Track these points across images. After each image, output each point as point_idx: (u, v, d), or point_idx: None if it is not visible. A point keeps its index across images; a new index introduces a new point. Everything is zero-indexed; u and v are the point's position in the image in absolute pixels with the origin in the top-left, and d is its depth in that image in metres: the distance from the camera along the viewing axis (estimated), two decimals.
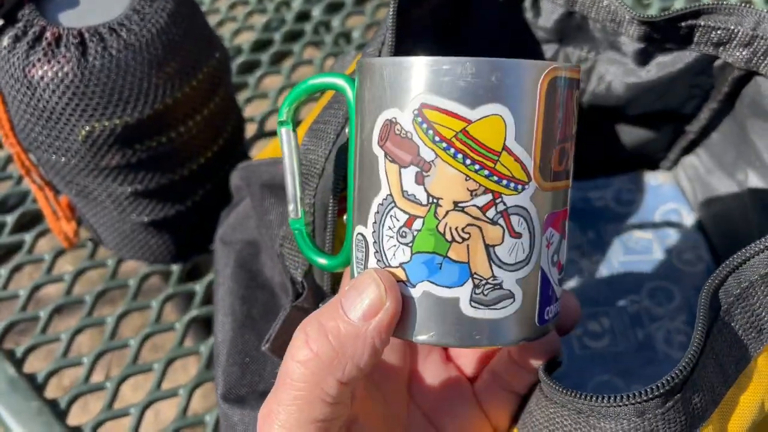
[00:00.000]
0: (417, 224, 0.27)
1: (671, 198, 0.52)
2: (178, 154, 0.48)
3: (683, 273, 0.49)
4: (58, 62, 0.42)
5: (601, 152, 0.51)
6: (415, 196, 0.27)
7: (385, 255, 0.28)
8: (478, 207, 0.27)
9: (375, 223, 0.28)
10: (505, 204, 0.27)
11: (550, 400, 0.29)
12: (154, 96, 0.44)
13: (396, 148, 0.27)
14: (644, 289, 0.48)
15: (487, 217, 0.27)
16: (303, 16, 0.75)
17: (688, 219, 0.51)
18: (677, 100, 0.45)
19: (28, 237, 0.58)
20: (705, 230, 0.50)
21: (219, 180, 0.51)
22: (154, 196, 0.49)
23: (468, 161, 0.26)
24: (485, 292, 0.28)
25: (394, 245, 0.28)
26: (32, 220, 0.59)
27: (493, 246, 0.27)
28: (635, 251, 0.50)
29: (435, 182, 0.27)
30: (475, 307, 0.28)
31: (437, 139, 0.26)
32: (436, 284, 0.28)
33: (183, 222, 0.52)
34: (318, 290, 0.38)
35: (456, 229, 0.27)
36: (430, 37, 0.45)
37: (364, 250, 0.29)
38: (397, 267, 0.28)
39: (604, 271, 0.50)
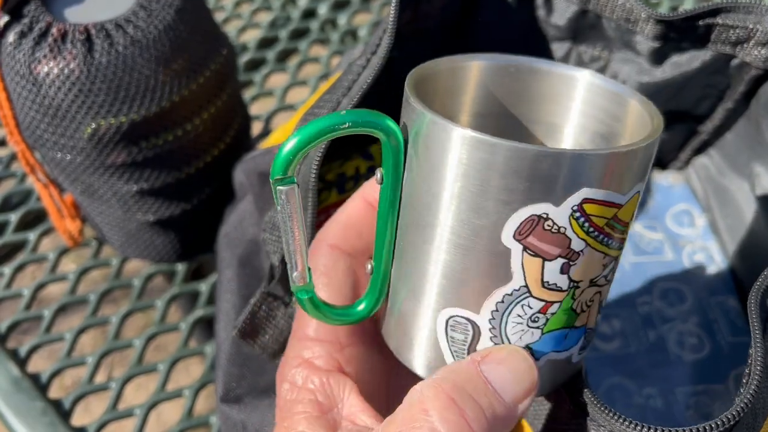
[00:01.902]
0: (553, 308, 0.26)
1: (682, 199, 0.52)
2: (184, 152, 0.47)
3: (695, 274, 0.48)
4: (64, 58, 0.42)
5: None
6: (556, 284, 0.26)
7: (507, 339, 0.27)
8: (604, 276, 0.27)
9: (496, 311, 0.26)
10: (615, 261, 0.27)
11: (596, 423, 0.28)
12: (160, 93, 0.43)
13: (543, 243, 0.25)
14: (655, 290, 0.48)
15: (608, 281, 0.27)
16: (309, 14, 0.75)
17: (700, 220, 0.51)
18: (691, 100, 0.44)
19: (31, 235, 0.57)
20: (717, 231, 0.50)
21: (225, 179, 0.51)
22: (160, 195, 0.48)
23: (611, 241, 0.26)
24: (588, 338, 0.28)
25: (522, 330, 0.26)
26: (36, 218, 0.59)
27: (603, 299, 0.28)
28: (646, 252, 0.50)
29: (579, 268, 0.26)
30: (579, 354, 0.28)
31: (591, 229, 0.25)
32: (558, 352, 0.27)
33: (189, 221, 0.51)
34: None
35: (586, 302, 0.27)
36: (438, 35, 0.45)
37: (469, 333, 0.27)
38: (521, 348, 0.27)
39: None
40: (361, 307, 0.30)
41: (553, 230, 0.25)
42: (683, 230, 0.50)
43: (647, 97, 0.43)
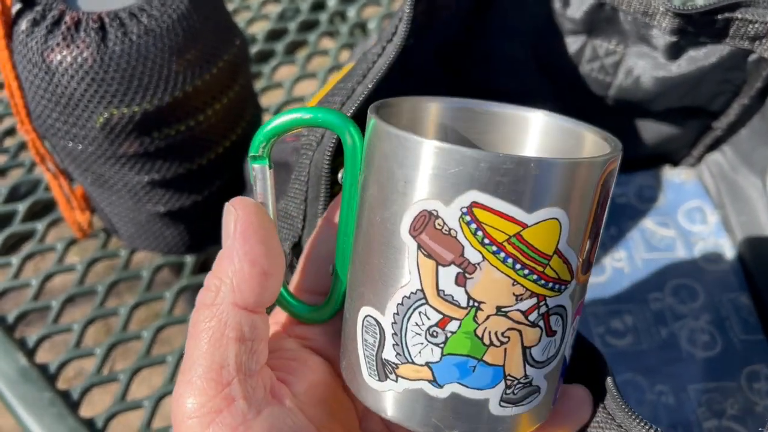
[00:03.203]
0: (452, 326, 0.25)
1: (694, 195, 0.51)
2: (196, 142, 0.47)
3: (707, 271, 0.48)
4: (77, 47, 0.41)
5: (623, 147, 0.50)
6: (453, 297, 0.25)
7: (408, 350, 0.26)
8: (521, 311, 0.25)
9: (397, 314, 0.26)
10: (547, 306, 0.25)
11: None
12: (173, 83, 0.43)
13: (435, 244, 0.25)
14: (667, 287, 0.48)
15: (529, 321, 0.25)
16: (318, 6, 0.74)
17: (712, 217, 0.50)
18: (706, 96, 0.44)
19: (39, 226, 0.57)
20: (729, 228, 0.49)
21: (236, 170, 0.50)
22: (171, 186, 0.48)
23: (518, 266, 0.24)
24: (515, 392, 0.26)
25: (421, 343, 0.26)
26: (44, 208, 0.59)
27: (530, 347, 0.26)
28: (658, 249, 0.50)
29: (478, 285, 0.25)
30: (503, 407, 0.26)
31: (487, 241, 0.24)
32: (466, 386, 0.26)
33: (199, 213, 0.51)
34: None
35: (496, 333, 0.25)
36: (453, 24, 0.45)
37: (377, 336, 0.27)
38: (422, 365, 0.26)
39: (626, 268, 0.49)
40: (319, 312, 0.30)
41: (443, 231, 0.24)
42: (695, 227, 0.50)
43: (663, 92, 0.44)
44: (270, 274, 0.26)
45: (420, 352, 0.26)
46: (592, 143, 0.30)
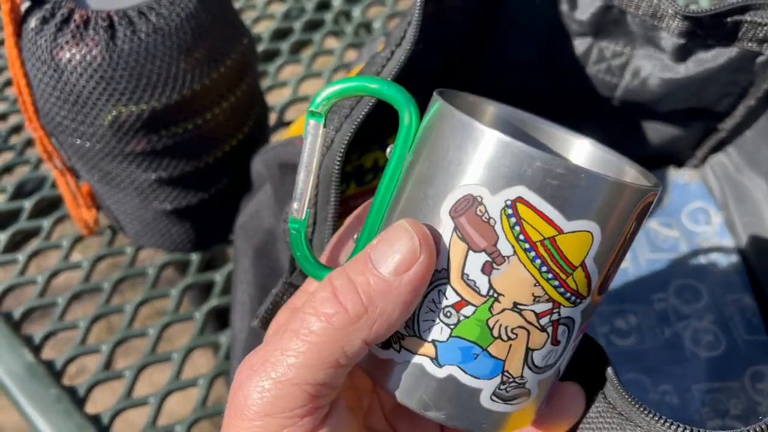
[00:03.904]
0: (467, 311, 0.26)
1: (698, 196, 0.52)
2: (203, 141, 0.47)
3: (711, 272, 0.48)
4: (86, 45, 0.41)
5: (627, 148, 0.51)
6: (475, 283, 0.26)
7: (418, 325, 0.27)
8: (535, 313, 0.26)
9: None
10: (559, 315, 0.26)
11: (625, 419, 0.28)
12: (182, 81, 0.43)
13: (471, 229, 0.25)
14: (671, 287, 0.48)
15: (540, 324, 0.26)
16: (323, 6, 0.75)
17: (716, 218, 0.51)
18: (712, 98, 0.44)
19: (45, 223, 0.57)
20: (733, 229, 0.50)
21: (243, 169, 0.51)
22: (178, 184, 0.48)
23: (544, 269, 0.25)
24: (508, 389, 0.27)
25: (433, 320, 0.26)
26: (49, 205, 0.59)
27: (533, 350, 0.27)
28: (662, 249, 0.50)
29: (502, 278, 0.25)
30: (493, 401, 0.27)
31: (522, 237, 0.25)
32: (464, 372, 0.26)
33: (205, 211, 0.51)
34: None
35: (506, 328, 0.26)
36: (461, 27, 0.45)
37: None
38: (428, 342, 0.27)
39: (630, 267, 0.49)
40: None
41: (483, 218, 0.25)
42: (699, 228, 0.51)
43: (669, 94, 0.44)
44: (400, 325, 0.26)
45: (429, 329, 0.26)
46: (632, 178, 0.31)
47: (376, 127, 0.38)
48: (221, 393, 0.52)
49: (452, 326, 0.26)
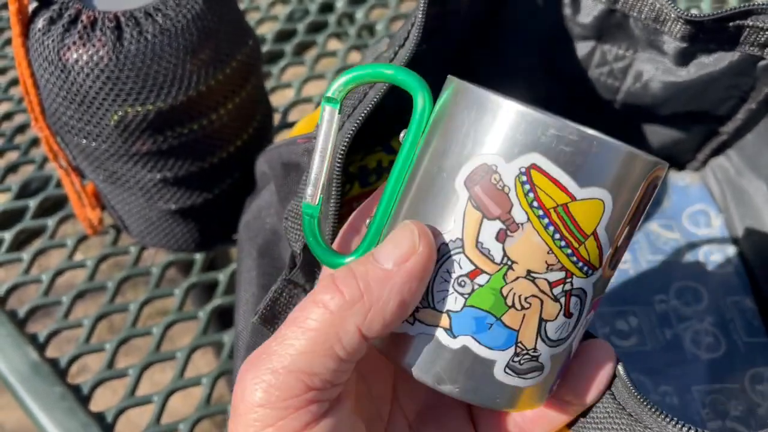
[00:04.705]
0: (481, 279, 0.26)
1: (699, 199, 0.52)
2: (208, 141, 0.47)
3: (711, 274, 0.49)
4: (93, 46, 0.42)
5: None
6: (489, 251, 0.26)
7: (433, 296, 0.27)
8: (548, 281, 0.26)
9: None
10: (572, 285, 0.27)
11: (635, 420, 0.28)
12: (188, 82, 0.44)
13: (486, 197, 0.26)
14: (672, 289, 0.48)
15: (553, 294, 0.26)
16: (327, 8, 0.75)
17: (716, 220, 0.51)
18: (713, 101, 0.45)
19: (50, 222, 0.58)
20: (733, 232, 0.50)
21: (247, 169, 0.51)
22: (183, 184, 0.49)
23: (557, 236, 0.26)
24: (522, 362, 0.27)
25: (447, 290, 0.27)
26: (54, 204, 0.59)
27: (547, 321, 0.27)
28: (663, 251, 0.50)
29: (516, 245, 0.26)
30: (507, 374, 0.27)
31: (535, 204, 0.25)
32: (478, 342, 0.27)
33: (209, 211, 0.52)
34: (312, 266, 0.37)
35: (520, 296, 0.26)
36: (464, 30, 0.45)
37: None
38: (442, 312, 0.27)
39: (631, 269, 0.49)
40: (349, 259, 0.30)
41: (498, 186, 0.26)
42: (700, 230, 0.51)
43: (670, 97, 0.44)
44: (400, 322, 0.27)
45: (444, 299, 0.27)
46: None
47: (380, 128, 0.38)
48: (224, 392, 0.52)
49: (466, 295, 0.26)
